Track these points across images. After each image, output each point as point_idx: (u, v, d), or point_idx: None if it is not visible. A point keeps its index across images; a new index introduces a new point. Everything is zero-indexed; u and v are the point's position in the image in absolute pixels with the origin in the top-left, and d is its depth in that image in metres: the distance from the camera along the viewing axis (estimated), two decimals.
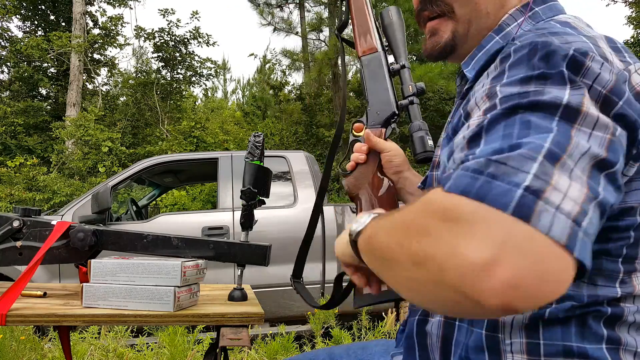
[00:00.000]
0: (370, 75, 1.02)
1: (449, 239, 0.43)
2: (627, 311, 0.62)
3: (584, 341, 0.61)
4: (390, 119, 1.00)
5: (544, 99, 0.53)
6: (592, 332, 0.61)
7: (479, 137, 0.54)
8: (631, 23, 13.65)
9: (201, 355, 2.93)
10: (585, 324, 0.61)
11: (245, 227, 1.29)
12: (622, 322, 0.62)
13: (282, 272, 3.80)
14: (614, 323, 0.62)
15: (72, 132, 9.30)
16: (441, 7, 0.79)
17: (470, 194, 0.45)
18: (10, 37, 12.20)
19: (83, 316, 1.05)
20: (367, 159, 0.99)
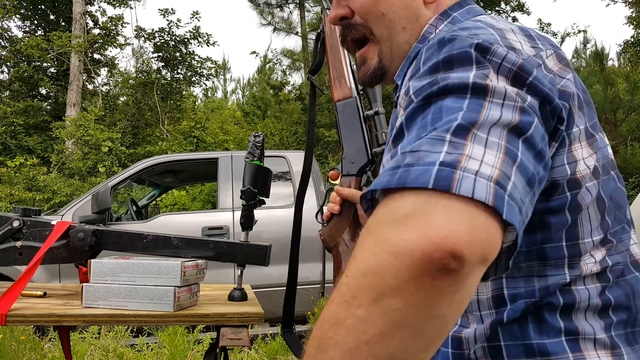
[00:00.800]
0: (345, 122, 1.02)
1: (389, 238, 0.43)
2: (579, 296, 0.61)
3: (543, 336, 0.60)
4: (365, 167, 1.01)
5: (452, 82, 0.54)
6: (549, 326, 0.61)
7: (401, 135, 0.55)
8: (631, 23, 13.65)
9: (201, 355, 2.93)
10: (541, 319, 0.61)
11: (245, 227, 1.29)
12: (576, 309, 0.61)
13: (282, 272, 3.79)
14: (569, 312, 0.61)
15: (72, 132, 9.29)
16: (360, 30, 0.79)
17: (391, 187, 0.46)
18: (10, 37, 12.20)
19: (83, 316, 1.05)
20: (341, 209, 1.00)
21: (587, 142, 0.62)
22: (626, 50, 14.23)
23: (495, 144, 0.49)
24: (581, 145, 0.61)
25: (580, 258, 0.62)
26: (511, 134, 0.50)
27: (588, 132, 0.62)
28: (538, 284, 0.62)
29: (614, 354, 0.60)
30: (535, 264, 0.62)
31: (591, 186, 0.61)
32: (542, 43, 0.63)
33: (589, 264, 0.62)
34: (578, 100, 0.61)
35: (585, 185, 0.61)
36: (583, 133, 0.61)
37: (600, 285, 0.62)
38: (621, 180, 0.68)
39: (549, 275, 0.62)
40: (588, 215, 0.62)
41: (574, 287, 0.61)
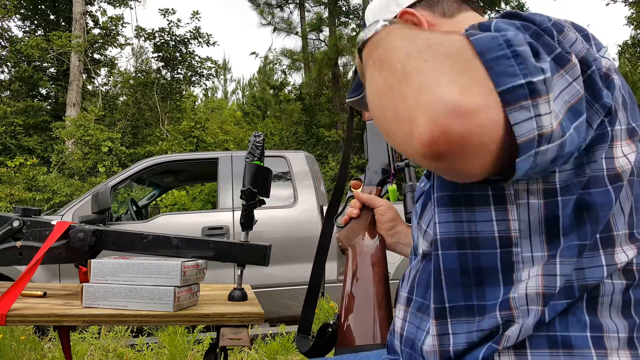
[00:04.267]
0: (372, 138, 1.11)
1: (447, 78, 0.46)
2: (604, 290, 0.61)
3: (568, 329, 0.60)
4: (386, 179, 1.08)
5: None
6: (575, 319, 0.60)
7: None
8: (631, 23, 13.65)
9: (201, 355, 2.93)
10: (567, 311, 0.61)
11: (245, 227, 1.29)
12: (600, 303, 0.61)
13: (282, 272, 3.80)
14: (594, 307, 0.61)
15: (72, 132, 9.29)
16: None
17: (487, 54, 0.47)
18: (10, 37, 12.20)
19: (83, 316, 1.05)
20: (359, 214, 1.06)
21: (629, 141, 0.62)
22: (626, 50, 14.22)
23: (563, 101, 0.51)
24: (621, 144, 0.61)
25: (614, 250, 0.61)
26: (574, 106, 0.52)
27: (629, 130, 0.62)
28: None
29: (632, 355, 0.60)
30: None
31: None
32: (594, 42, 0.63)
33: (621, 258, 0.61)
34: (622, 100, 0.61)
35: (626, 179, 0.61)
36: (624, 132, 0.61)
37: (625, 282, 0.61)
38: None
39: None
40: (620, 208, 0.61)
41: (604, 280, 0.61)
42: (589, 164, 0.59)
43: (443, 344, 0.65)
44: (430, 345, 0.66)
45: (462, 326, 0.64)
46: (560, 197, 0.59)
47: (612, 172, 0.59)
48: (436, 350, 0.65)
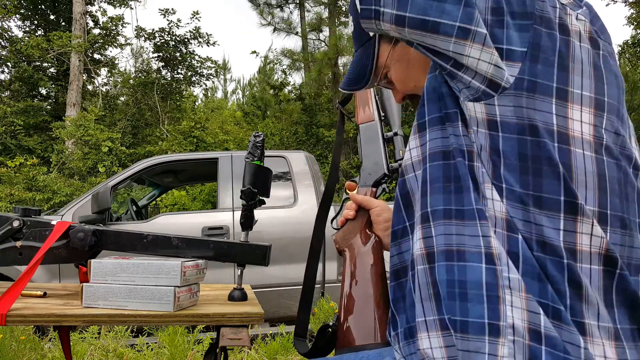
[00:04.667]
0: (366, 140, 1.12)
1: None
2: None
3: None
4: (381, 180, 1.08)
5: None
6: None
7: None
8: (631, 23, 13.65)
9: (201, 355, 2.93)
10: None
11: (245, 227, 1.29)
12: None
13: (282, 272, 3.80)
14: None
15: (72, 132, 9.29)
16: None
17: None
18: (11, 37, 12.19)
19: (83, 316, 1.05)
20: (355, 215, 1.06)
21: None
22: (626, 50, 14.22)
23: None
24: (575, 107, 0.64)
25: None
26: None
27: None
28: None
29: (617, 346, 0.60)
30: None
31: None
32: (586, 12, 0.66)
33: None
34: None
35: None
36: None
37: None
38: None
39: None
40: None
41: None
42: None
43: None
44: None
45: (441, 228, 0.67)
46: (501, 133, 0.63)
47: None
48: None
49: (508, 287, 0.61)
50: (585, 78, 0.63)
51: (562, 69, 0.62)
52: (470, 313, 0.62)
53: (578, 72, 0.63)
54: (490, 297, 0.61)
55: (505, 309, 0.60)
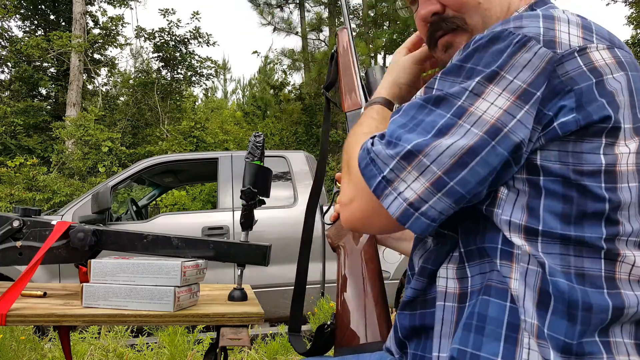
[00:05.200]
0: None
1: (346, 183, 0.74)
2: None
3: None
4: None
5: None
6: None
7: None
8: (631, 23, 13.64)
9: (201, 355, 2.93)
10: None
11: (245, 227, 1.29)
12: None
13: (282, 272, 3.80)
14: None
15: (72, 132, 9.29)
16: (454, 22, 0.78)
17: (361, 166, 0.67)
18: (11, 37, 12.19)
19: (83, 316, 1.05)
20: None
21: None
22: None
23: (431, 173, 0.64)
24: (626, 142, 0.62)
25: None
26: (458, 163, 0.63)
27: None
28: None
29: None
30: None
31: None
32: (597, 37, 0.64)
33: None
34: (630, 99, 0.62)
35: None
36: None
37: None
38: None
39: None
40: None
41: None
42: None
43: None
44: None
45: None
46: (542, 177, 0.63)
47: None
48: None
49: (526, 331, 0.60)
50: (625, 109, 0.62)
51: (604, 110, 0.61)
52: (483, 348, 0.61)
53: (622, 104, 0.62)
54: (508, 337, 0.60)
55: (522, 352, 0.59)
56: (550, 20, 0.64)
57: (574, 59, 0.61)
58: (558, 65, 0.60)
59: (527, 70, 0.60)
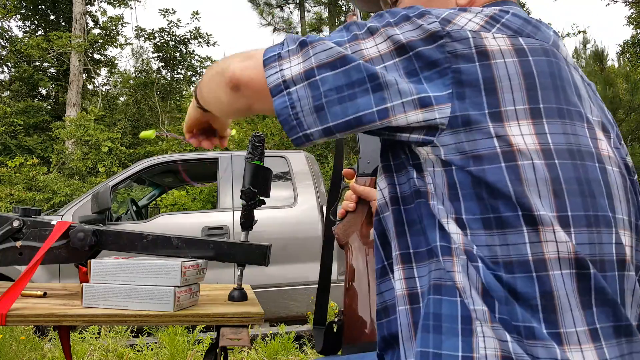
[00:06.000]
0: None
1: (233, 62, 0.75)
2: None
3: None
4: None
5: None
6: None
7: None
8: (631, 23, 13.65)
9: (201, 355, 2.93)
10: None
11: (245, 227, 1.29)
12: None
13: (282, 272, 3.80)
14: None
15: (72, 132, 9.29)
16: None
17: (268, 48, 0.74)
18: (11, 37, 12.20)
19: (83, 316, 1.05)
20: (356, 207, 1.04)
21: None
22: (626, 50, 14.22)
23: (310, 61, 0.70)
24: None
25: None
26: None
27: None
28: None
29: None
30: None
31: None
32: (501, 27, 0.68)
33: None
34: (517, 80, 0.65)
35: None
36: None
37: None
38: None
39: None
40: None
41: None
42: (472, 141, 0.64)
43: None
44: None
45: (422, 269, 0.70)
46: (454, 167, 0.65)
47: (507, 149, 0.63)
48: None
49: (477, 319, 0.62)
50: (515, 92, 0.64)
51: (490, 93, 0.64)
52: (444, 345, 0.62)
53: (507, 89, 0.64)
54: (464, 330, 0.62)
55: (478, 341, 0.61)
56: (463, 10, 0.69)
57: (466, 39, 0.65)
58: (448, 41, 0.65)
59: (415, 32, 0.66)
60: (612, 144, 0.72)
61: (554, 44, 0.70)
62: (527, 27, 0.69)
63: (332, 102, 0.67)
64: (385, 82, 0.65)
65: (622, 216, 0.67)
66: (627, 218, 0.68)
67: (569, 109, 0.66)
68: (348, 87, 0.66)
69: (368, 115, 0.66)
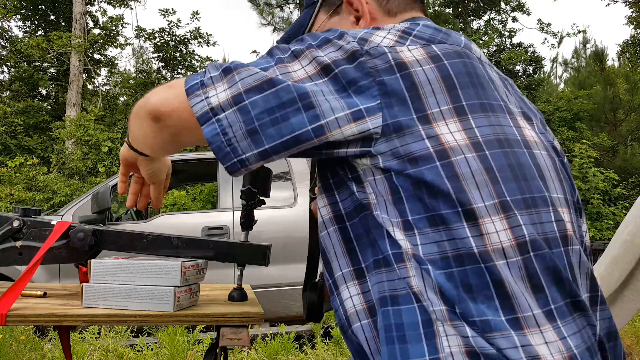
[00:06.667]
0: None
1: (154, 94, 0.77)
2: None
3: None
4: None
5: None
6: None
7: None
8: (631, 23, 13.65)
9: (201, 355, 2.93)
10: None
11: (245, 227, 1.29)
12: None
13: (282, 272, 3.80)
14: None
15: (72, 132, 9.29)
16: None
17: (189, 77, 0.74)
18: (11, 37, 12.20)
19: (83, 316, 1.05)
20: None
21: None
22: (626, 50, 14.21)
23: (238, 88, 0.70)
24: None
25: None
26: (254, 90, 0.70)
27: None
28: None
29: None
30: None
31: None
32: (414, 39, 0.72)
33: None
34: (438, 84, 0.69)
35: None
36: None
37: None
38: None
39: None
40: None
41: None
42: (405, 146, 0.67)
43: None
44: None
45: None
46: (393, 172, 0.68)
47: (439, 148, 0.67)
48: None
49: (439, 320, 0.63)
50: (438, 94, 0.68)
51: (415, 99, 0.68)
52: (411, 354, 0.63)
53: (430, 94, 0.68)
54: (427, 333, 0.63)
55: (442, 341, 0.62)
56: (376, 29, 0.73)
57: (383, 54, 0.69)
58: (368, 58, 0.69)
59: (337, 52, 0.69)
60: (536, 129, 0.76)
61: (465, 46, 0.75)
62: (438, 35, 0.74)
63: (266, 125, 0.68)
64: (317, 101, 0.67)
65: (558, 195, 0.71)
66: (563, 196, 0.72)
67: (490, 103, 0.70)
68: (279, 108, 0.67)
69: (304, 133, 0.67)
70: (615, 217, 9.45)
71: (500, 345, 0.61)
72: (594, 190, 9.44)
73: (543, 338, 0.61)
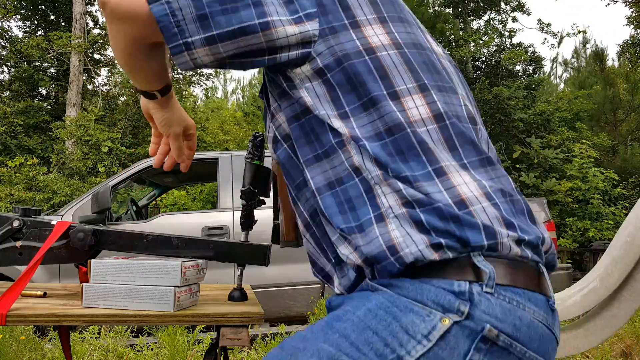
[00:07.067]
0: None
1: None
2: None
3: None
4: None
5: None
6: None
7: None
8: (631, 23, 13.65)
9: (201, 355, 2.93)
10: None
11: (245, 227, 1.29)
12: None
13: (282, 272, 3.80)
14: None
15: (72, 132, 9.29)
16: None
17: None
18: (11, 37, 12.20)
19: (83, 316, 1.05)
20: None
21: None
22: (626, 50, 14.21)
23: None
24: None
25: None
26: None
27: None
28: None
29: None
30: None
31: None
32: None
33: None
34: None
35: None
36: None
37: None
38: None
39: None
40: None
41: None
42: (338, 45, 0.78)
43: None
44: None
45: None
46: (330, 73, 0.78)
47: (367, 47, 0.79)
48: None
49: (377, 184, 0.74)
50: (364, 7, 0.81)
51: (345, 10, 0.80)
52: (360, 216, 0.75)
53: (357, 6, 0.81)
54: (369, 198, 0.75)
55: (381, 199, 0.74)
56: None
57: None
58: None
59: None
60: (441, 49, 0.92)
61: None
62: None
63: (216, 13, 0.74)
64: (265, 1, 0.76)
65: (461, 92, 0.85)
66: (465, 94, 0.86)
67: (405, 17, 0.85)
68: (231, 0, 0.75)
69: (251, 26, 0.75)
70: (615, 217, 9.45)
71: (428, 190, 0.73)
72: (594, 190, 9.44)
73: (462, 180, 0.74)
